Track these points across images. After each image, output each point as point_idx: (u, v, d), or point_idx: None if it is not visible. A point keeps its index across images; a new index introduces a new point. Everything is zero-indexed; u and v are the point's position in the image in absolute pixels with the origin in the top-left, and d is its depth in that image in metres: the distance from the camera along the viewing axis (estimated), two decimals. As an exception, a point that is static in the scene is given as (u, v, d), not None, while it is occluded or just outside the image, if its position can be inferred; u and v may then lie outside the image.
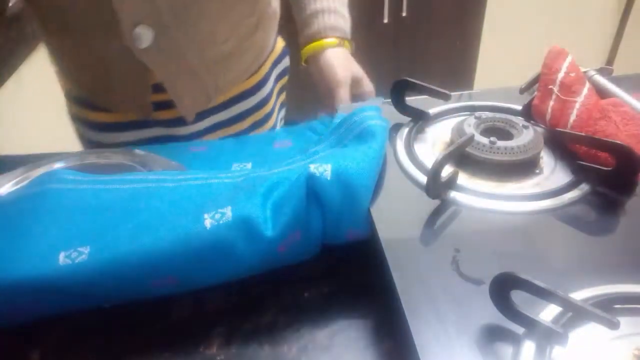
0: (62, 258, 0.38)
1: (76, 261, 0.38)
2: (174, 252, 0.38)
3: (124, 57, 0.59)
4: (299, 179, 0.41)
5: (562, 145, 0.48)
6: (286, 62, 0.83)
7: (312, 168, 0.41)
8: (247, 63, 0.72)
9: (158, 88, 0.64)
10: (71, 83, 0.72)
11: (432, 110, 0.55)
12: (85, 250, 0.38)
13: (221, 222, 0.39)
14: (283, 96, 0.86)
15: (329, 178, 0.40)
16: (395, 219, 0.42)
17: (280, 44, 0.81)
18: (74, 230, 0.40)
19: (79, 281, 0.38)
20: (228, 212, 0.39)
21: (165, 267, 0.39)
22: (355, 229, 0.43)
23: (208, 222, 0.39)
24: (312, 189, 0.41)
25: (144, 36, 0.56)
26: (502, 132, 0.49)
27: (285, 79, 0.84)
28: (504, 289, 0.31)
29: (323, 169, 0.41)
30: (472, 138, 0.46)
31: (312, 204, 0.41)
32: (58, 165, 0.53)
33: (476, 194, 0.43)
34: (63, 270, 0.37)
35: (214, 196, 0.42)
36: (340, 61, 0.68)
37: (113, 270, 0.38)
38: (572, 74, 0.49)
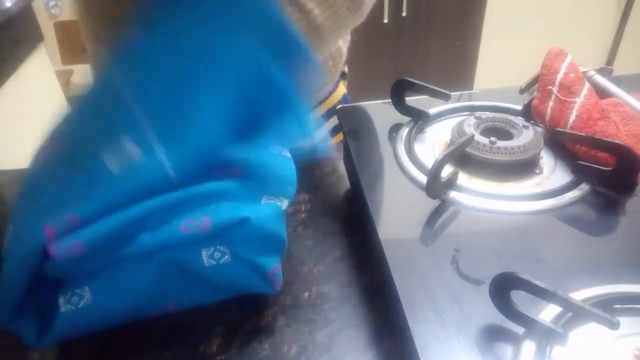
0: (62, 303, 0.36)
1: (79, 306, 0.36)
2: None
3: None
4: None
5: (562, 145, 0.48)
6: None
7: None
8: None
9: None
10: None
11: (432, 110, 0.55)
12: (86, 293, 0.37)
13: (221, 262, 0.38)
14: None
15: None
16: (395, 219, 0.42)
17: (342, 89, 0.70)
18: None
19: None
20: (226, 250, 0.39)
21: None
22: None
23: (205, 260, 0.38)
24: None
25: None
26: (502, 132, 0.49)
27: (339, 136, 0.68)
28: (504, 289, 0.31)
29: None
30: (472, 138, 0.46)
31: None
32: None
33: (476, 194, 0.43)
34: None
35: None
36: None
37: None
38: (572, 75, 0.49)
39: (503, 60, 2.07)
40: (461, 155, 0.46)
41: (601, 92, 0.54)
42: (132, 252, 0.36)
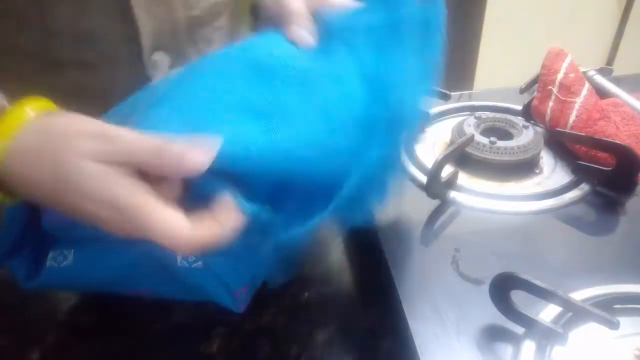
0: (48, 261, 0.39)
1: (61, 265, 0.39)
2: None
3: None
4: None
5: (562, 145, 0.48)
6: None
7: None
8: None
9: None
10: None
11: (432, 110, 0.55)
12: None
13: (193, 266, 0.38)
14: None
15: None
16: (395, 219, 0.42)
17: None
18: None
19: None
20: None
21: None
22: None
23: (179, 260, 0.38)
24: None
25: (161, 63, 0.52)
26: (502, 132, 0.49)
27: None
28: (504, 289, 0.31)
29: None
30: (472, 138, 0.46)
31: None
32: None
33: (476, 194, 0.43)
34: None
35: None
36: None
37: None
38: (571, 75, 0.49)
39: (503, 60, 2.07)
40: (461, 155, 0.46)
41: (601, 92, 0.54)
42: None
